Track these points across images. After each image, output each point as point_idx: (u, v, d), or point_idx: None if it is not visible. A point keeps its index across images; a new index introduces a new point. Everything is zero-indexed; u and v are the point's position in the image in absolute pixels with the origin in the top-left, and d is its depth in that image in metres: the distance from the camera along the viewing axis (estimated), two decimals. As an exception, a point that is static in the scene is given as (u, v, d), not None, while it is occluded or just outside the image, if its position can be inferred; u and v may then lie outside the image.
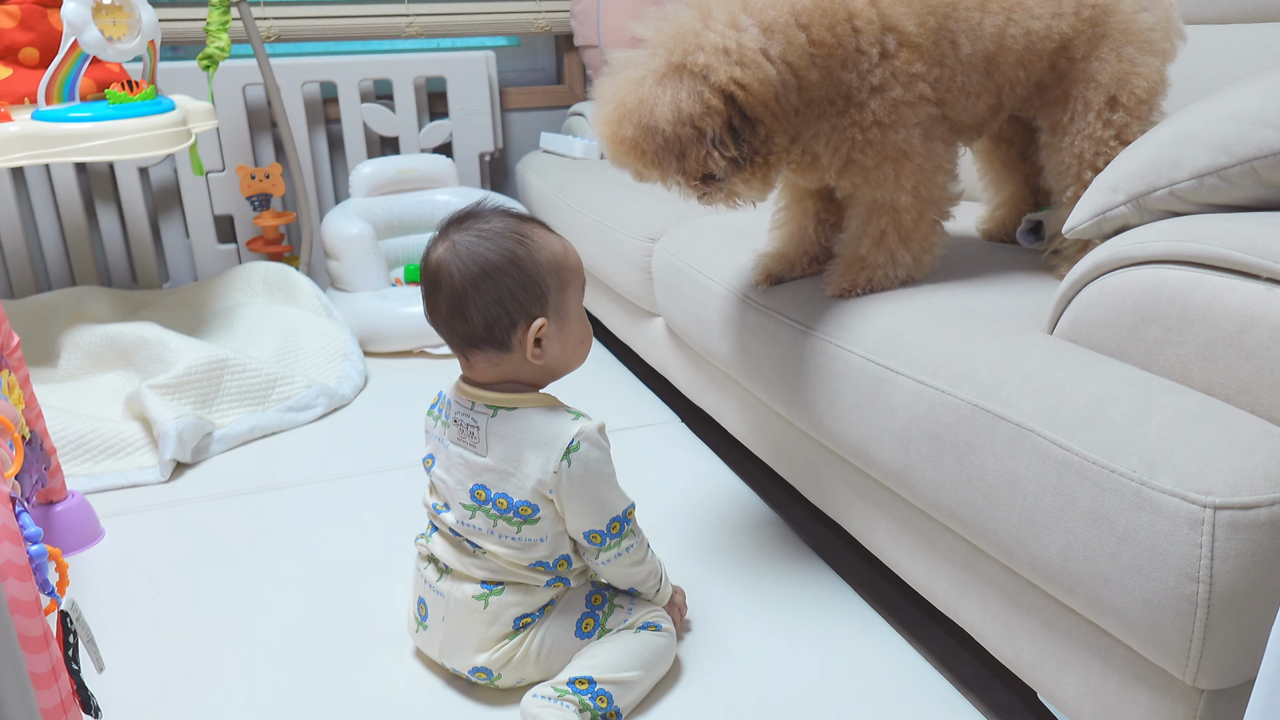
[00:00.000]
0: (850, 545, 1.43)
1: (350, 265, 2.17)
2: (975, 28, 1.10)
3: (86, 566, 1.33)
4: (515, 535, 0.99)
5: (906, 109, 1.08)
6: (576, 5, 2.64)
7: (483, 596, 1.01)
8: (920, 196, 1.13)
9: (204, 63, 2.09)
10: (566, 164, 2.36)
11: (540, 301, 0.98)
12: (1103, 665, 0.83)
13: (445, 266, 0.97)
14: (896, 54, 1.07)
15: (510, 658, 1.02)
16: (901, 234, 1.14)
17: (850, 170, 1.11)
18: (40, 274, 2.38)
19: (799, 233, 1.29)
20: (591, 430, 0.98)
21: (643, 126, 1.02)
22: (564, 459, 0.96)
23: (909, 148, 1.10)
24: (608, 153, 1.08)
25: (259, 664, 1.12)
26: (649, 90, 1.02)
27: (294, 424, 1.77)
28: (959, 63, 1.11)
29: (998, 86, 1.15)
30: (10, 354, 1.26)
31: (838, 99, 1.08)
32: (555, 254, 0.99)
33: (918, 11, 1.07)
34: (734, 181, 1.07)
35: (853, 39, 1.05)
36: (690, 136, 1.01)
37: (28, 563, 0.72)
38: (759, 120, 1.04)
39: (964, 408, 0.90)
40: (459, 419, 1.01)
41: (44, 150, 1.63)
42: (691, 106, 1.00)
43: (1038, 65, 1.16)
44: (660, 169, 1.05)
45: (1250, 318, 0.76)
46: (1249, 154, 0.84)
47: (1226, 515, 0.68)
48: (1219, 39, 1.41)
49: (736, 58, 1.00)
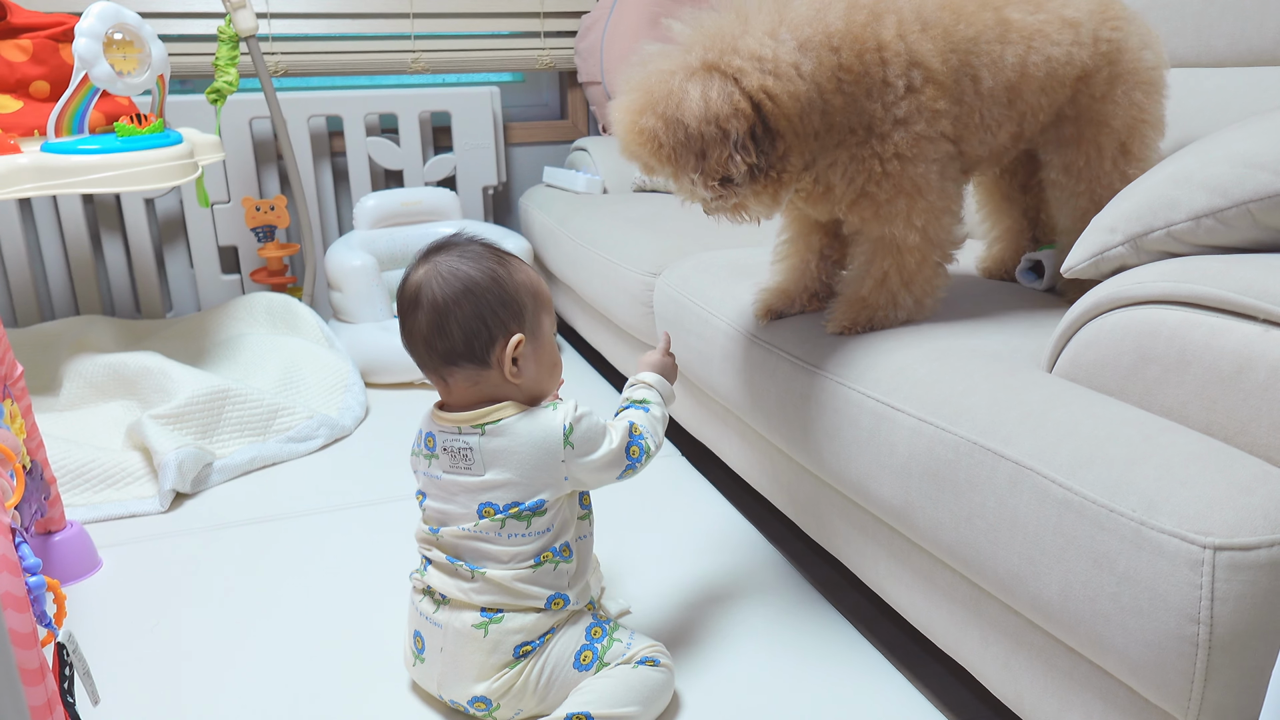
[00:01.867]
0: (851, 582, 1.43)
1: (353, 296, 2.18)
2: (997, 60, 1.11)
3: (84, 596, 1.32)
4: (525, 531, 1.01)
5: (928, 144, 1.09)
6: (581, 42, 2.68)
7: (482, 625, 1.01)
8: (928, 237, 1.13)
9: (212, 96, 2.12)
10: (569, 198, 2.38)
11: (519, 319, 1.02)
12: (1104, 706, 0.82)
13: (426, 284, 1.01)
14: (922, 89, 1.07)
15: (510, 687, 1.01)
16: (904, 276, 1.14)
17: (863, 203, 1.11)
18: (45, 303, 2.39)
19: (801, 267, 1.29)
20: (570, 410, 1.03)
21: (667, 118, 1.01)
22: (566, 446, 1.00)
23: (925, 183, 1.10)
24: (621, 142, 1.07)
25: (256, 696, 1.11)
26: (679, 84, 1.01)
27: (294, 455, 1.77)
28: (979, 98, 1.12)
29: (1020, 115, 1.16)
30: (14, 384, 1.26)
31: (859, 128, 1.08)
32: (531, 278, 1.05)
33: (941, 49, 1.08)
34: (747, 191, 1.06)
35: (880, 69, 1.06)
36: (714, 136, 1.01)
37: (26, 594, 0.72)
38: (780, 134, 1.04)
39: (964, 445, 0.91)
40: (448, 446, 1.02)
41: (52, 182, 1.64)
42: (720, 106, 1.00)
43: (1060, 93, 1.17)
44: (675, 165, 1.03)
45: (1248, 359, 0.76)
46: (1245, 197, 0.85)
47: (1226, 556, 0.68)
48: (1214, 82, 1.43)
49: (771, 67, 1.01)
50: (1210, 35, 1.47)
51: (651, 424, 1.10)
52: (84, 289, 2.37)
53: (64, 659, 0.80)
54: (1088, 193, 1.18)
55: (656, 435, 1.10)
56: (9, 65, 1.86)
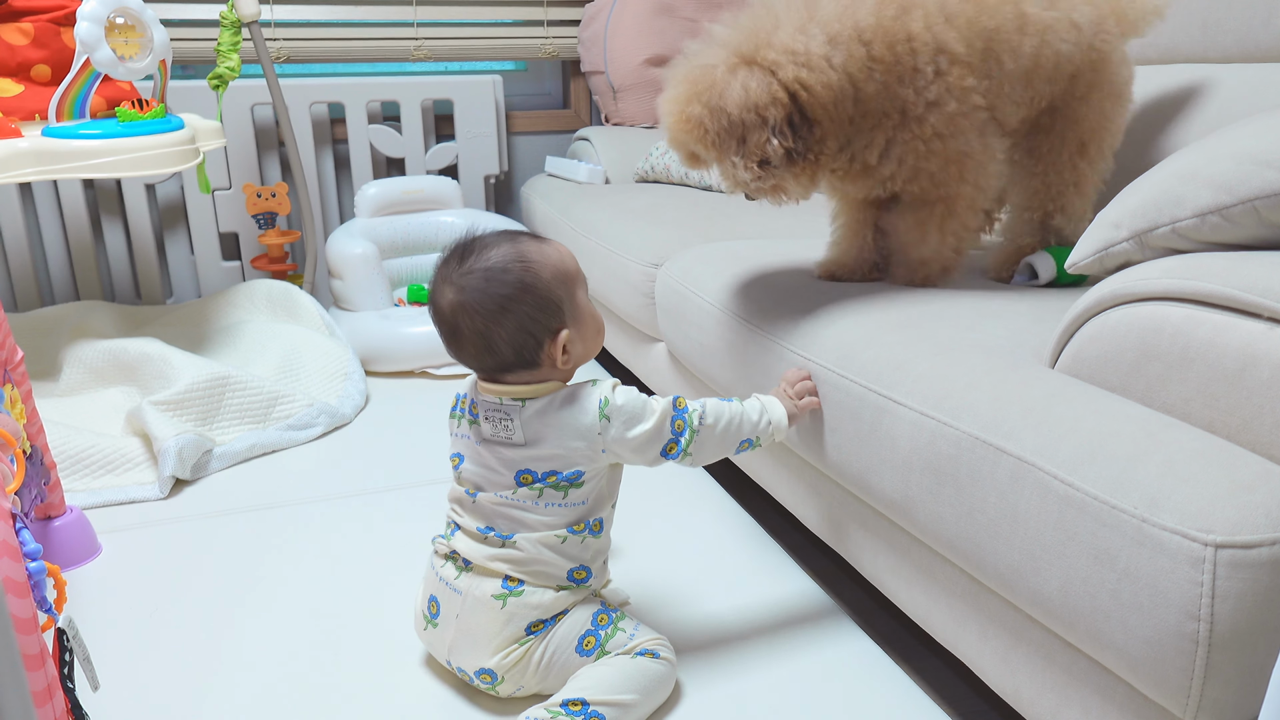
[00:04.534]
0: (850, 575, 1.43)
1: (353, 285, 2.17)
2: (1016, 49, 1.21)
3: (83, 582, 1.32)
4: (562, 501, 1.03)
5: (962, 119, 1.19)
6: (584, 31, 2.67)
7: (501, 596, 1.02)
8: (979, 186, 1.24)
9: (214, 82, 2.11)
10: (571, 188, 2.37)
11: (559, 316, 1.03)
12: (1103, 701, 0.82)
13: (461, 311, 1.01)
14: (949, 71, 1.16)
15: (516, 663, 1.02)
16: (958, 233, 1.26)
17: (918, 177, 1.22)
18: (45, 288, 2.39)
19: (858, 243, 1.37)
20: (608, 386, 1.04)
21: (711, 106, 1.10)
22: (601, 419, 1.01)
23: (968, 149, 1.21)
24: (669, 130, 1.15)
25: (255, 682, 1.11)
26: (720, 76, 1.11)
27: (294, 442, 1.77)
28: (1004, 75, 1.22)
29: (1030, 100, 1.27)
30: (14, 369, 1.26)
31: (893, 112, 1.17)
32: (556, 265, 1.04)
33: (967, 36, 1.17)
34: (785, 173, 1.15)
35: (910, 58, 1.15)
36: (754, 122, 1.10)
37: (26, 579, 0.72)
38: (816, 121, 1.13)
39: (965, 440, 0.91)
40: (490, 415, 1.04)
41: (53, 166, 1.64)
42: (759, 95, 1.09)
43: (1058, 86, 1.28)
44: (719, 150, 1.12)
45: (1252, 356, 0.76)
46: (1251, 194, 0.84)
47: (1228, 554, 0.68)
48: (1219, 78, 1.42)
49: (803, 60, 1.10)
50: (1217, 31, 1.47)
51: (718, 409, 1.08)
52: (84, 274, 2.37)
53: (64, 644, 0.80)
54: (1042, 175, 1.33)
55: (718, 418, 1.07)
56: (10, 49, 1.85)
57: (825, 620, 1.23)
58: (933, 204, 1.24)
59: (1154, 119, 1.50)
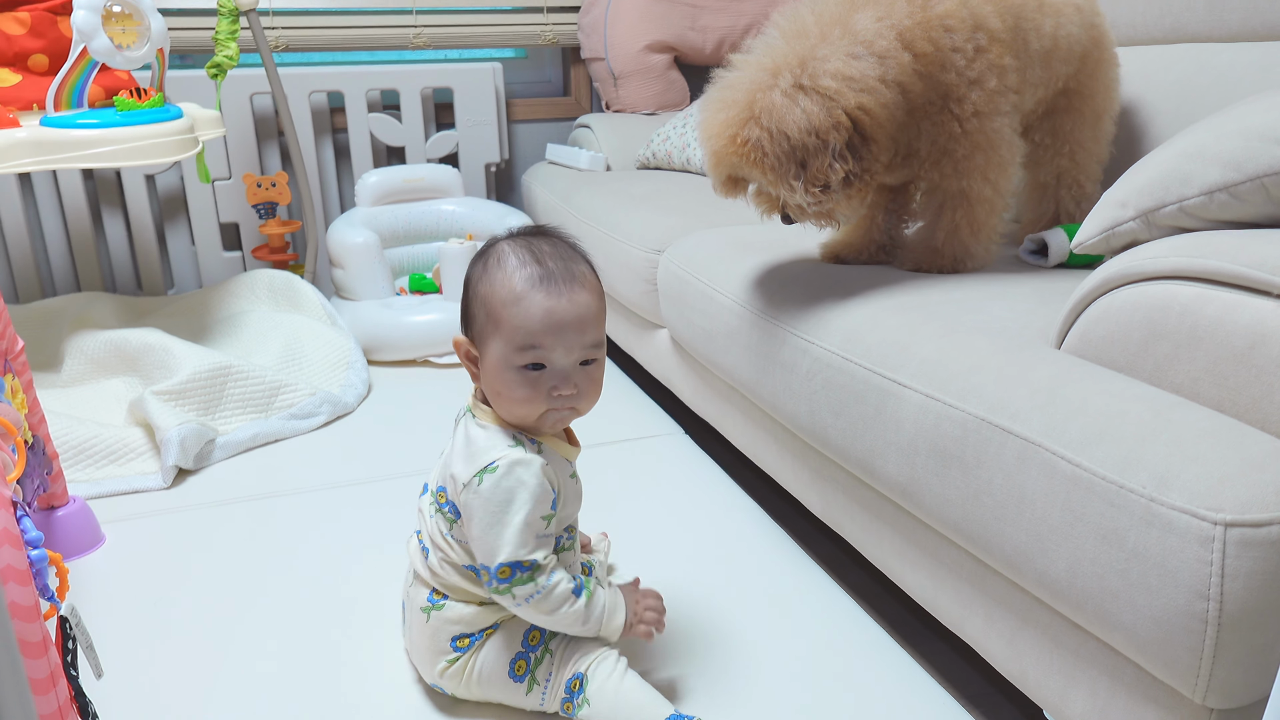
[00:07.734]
0: (855, 559, 1.42)
1: (355, 274, 2.17)
2: (1039, 27, 1.24)
3: (87, 572, 1.32)
4: (447, 532, 0.97)
5: (1000, 98, 1.20)
6: (584, 18, 2.66)
7: (426, 610, 1.00)
8: (999, 190, 1.24)
9: (212, 71, 2.10)
10: (572, 175, 2.37)
11: (468, 326, 0.97)
12: (1110, 683, 0.82)
13: None
14: (989, 48, 1.18)
15: (454, 678, 0.99)
16: (975, 226, 1.25)
17: (944, 161, 1.22)
18: (46, 279, 2.38)
19: (867, 223, 1.36)
20: (520, 460, 0.90)
21: (771, 131, 1.08)
22: (477, 475, 0.91)
23: (998, 138, 1.21)
24: (717, 154, 1.13)
25: (258, 671, 1.11)
26: (779, 100, 1.09)
27: (297, 431, 1.77)
28: (1029, 56, 1.24)
29: (1047, 81, 1.30)
30: (14, 358, 1.26)
31: (937, 99, 1.18)
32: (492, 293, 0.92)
33: (999, 11, 1.19)
34: (840, 196, 1.13)
35: (947, 39, 1.16)
36: (815, 146, 1.08)
37: (28, 567, 0.71)
38: (873, 140, 1.13)
39: (971, 422, 0.90)
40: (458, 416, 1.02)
41: (51, 156, 1.63)
42: (821, 120, 1.08)
43: (1071, 65, 1.31)
44: (776, 173, 1.10)
45: (1260, 335, 0.75)
46: (1259, 170, 0.84)
47: (1237, 533, 0.68)
48: (1225, 57, 1.41)
49: (860, 86, 1.10)
50: (1223, 9, 1.45)
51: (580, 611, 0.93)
52: (85, 265, 2.36)
53: (67, 632, 0.80)
54: (1069, 154, 1.36)
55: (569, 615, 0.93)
56: (7, 38, 1.84)
57: (830, 605, 1.23)
58: (952, 195, 1.23)
59: (1160, 98, 1.48)
